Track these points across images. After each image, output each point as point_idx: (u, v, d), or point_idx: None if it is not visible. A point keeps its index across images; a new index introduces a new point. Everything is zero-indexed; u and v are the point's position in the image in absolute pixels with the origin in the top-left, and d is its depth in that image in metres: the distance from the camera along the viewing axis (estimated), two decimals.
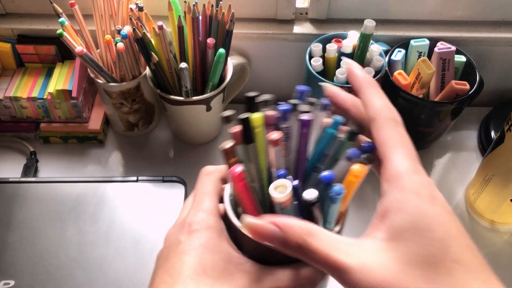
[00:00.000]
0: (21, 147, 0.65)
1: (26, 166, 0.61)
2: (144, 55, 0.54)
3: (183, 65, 0.53)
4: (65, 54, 0.64)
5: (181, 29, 0.53)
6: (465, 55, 0.60)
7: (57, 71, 0.63)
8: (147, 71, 0.59)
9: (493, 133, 0.65)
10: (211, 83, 0.57)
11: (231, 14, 0.53)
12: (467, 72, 0.60)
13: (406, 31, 0.64)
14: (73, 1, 0.54)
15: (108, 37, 0.55)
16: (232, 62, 0.61)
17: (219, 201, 0.34)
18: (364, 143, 0.29)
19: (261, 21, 0.64)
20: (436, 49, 0.57)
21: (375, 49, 0.57)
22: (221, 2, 0.53)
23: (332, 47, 0.58)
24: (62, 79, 0.62)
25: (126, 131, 0.66)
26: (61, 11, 0.54)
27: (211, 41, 0.54)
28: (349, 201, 0.30)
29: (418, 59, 0.58)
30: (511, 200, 0.53)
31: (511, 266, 0.56)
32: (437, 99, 0.59)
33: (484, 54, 0.65)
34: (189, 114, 0.60)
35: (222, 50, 0.53)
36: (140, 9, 0.54)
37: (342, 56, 0.58)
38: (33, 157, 0.62)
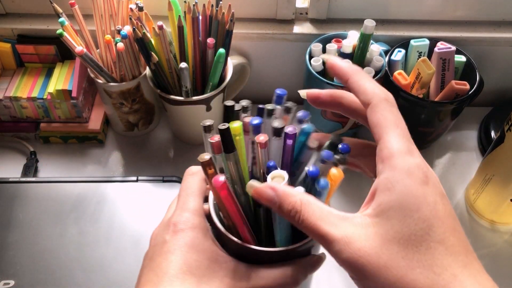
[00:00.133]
0: (21, 147, 0.65)
1: (26, 166, 0.61)
2: (144, 55, 0.54)
3: (183, 65, 0.53)
4: (65, 54, 0.64)
5: (181, 29, 0.54)
6: (465, 55, 0.60)
7: (57, 71, 0.63)
8: (147, 71, 0.59)
9: (493, 133, 0.65)
10: (211, 83, 0.57)
11: (231, 14, 0.53)
12: (467, 72, 0.60)
13: (406, 31, 0.64)
14: (73, 1, 0.54)
15: (108, 37, 0.55)
16: (232, 62, 0.61)
17: (203, 200, 0.35)
18: (341, 145, 0.30)
19: (261, 21, 0.64)
20: (436, 49, 0.57)
21: (375, 49, 0.57)
22: (221, 2, 0.53)
23: (332, 47, 0.58)
24: (62, 79, 0.62)
25: (126, 131, 0.66)
26: (61, 11, 0.54)
27: (211, 41, 0.54)
28: (330, 198, 0.32)
29: (418, 59, 0.58)
30: (511, 200, 0.53)
31: (511, 266, 0.56)
32: (437, 99, 0.59)
33: (484, 54, 0.65)
34: (189, 114, 0.60)
35: (222, 50, 0.53)
36: (140, 9, 0.54)
37: (342, 56, 0.58)
38: (33, 157, 0.62)
